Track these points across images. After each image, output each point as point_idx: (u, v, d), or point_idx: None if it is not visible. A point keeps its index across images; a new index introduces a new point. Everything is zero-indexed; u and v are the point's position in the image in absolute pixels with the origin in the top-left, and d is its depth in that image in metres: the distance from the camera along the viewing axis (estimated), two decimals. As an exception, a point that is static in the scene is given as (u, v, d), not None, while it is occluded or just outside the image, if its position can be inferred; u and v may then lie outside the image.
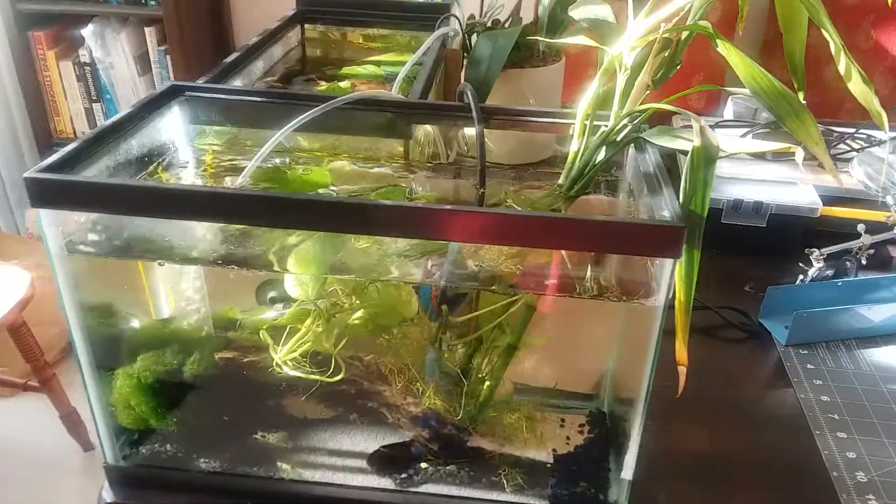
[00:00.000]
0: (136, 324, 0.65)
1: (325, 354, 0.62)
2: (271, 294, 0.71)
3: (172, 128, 0.70)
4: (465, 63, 1.12)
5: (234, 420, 0.65)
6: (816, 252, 0.95)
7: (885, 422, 0.75)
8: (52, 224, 0.54)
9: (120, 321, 0.65)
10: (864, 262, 0.96)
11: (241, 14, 2.42)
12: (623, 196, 0.69)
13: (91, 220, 0.56)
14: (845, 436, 0.73)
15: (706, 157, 0.52)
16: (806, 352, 0.86)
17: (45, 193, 0.51)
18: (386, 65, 1.04)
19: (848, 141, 1.11)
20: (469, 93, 0.69)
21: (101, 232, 0.56)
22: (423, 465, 0.65)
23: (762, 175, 1.09)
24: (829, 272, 0.96)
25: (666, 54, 0.65)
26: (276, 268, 0.56)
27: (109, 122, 0.61)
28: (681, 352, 0.57)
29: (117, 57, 2.14)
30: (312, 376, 0.60)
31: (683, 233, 0.48)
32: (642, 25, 0.62)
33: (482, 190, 0.66)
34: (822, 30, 0.60)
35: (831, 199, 1.03)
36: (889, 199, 0.93)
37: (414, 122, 0.71)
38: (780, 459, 0.71)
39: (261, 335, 0.64)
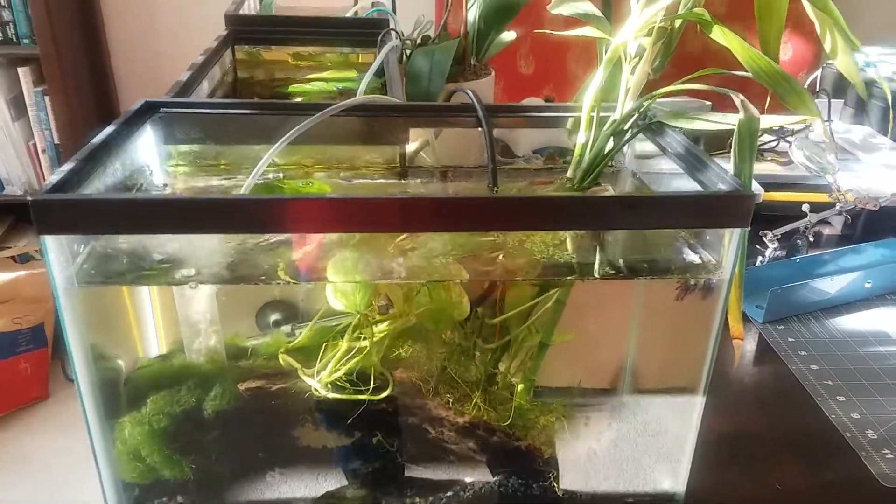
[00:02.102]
0: (142, 362, 0.58)
1: (360, 371, 0.57)
2: (274, 317, 0.66)
3: (150, 148, 0.64)
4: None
5: (263, 456, 0.59)
6: (770, 234, 0.99)
7: (873, 382, 0.79)
8: (61, 253, 0.47)
9: (125, 361, 0.57)
10: (811, 239, 1.02)
11: (120, 50, 2.29)
12: (628, 182, 0.69)
13: (103, 246, 0.50)
14: (844, 399, 0.76)
15: (750, 129, 0.53)
16: (782, 327, 0.90)
17: (58, 217, 0.45)
18: (335, 81, 1.01)
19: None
20: (471, 94, 0.68)
21: (117, 257, 0.50)
22: (469, 479, 0.61)
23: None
24: (781, 253, 1.02)
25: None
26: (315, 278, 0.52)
27: (97, 139, 0.54)
28: (736, 327, 0.57)
29: (-14, 101, 1.96)
30: (359, 397, 0.55)
31: (753, 201, 0.48)
32: (645, 14, 0.63)
33: (496, 189, 0.65)
34: (814, 7, 0.63)
35: (768, 186, 1.10)
36: (829, 178, 1.00)
37: (412, 126, 0.69)
38: (796, 429, 0.73)
39: (281, 360, 0.59)
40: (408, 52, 1.20)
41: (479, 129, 0.67)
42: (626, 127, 0.66)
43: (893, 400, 0.76)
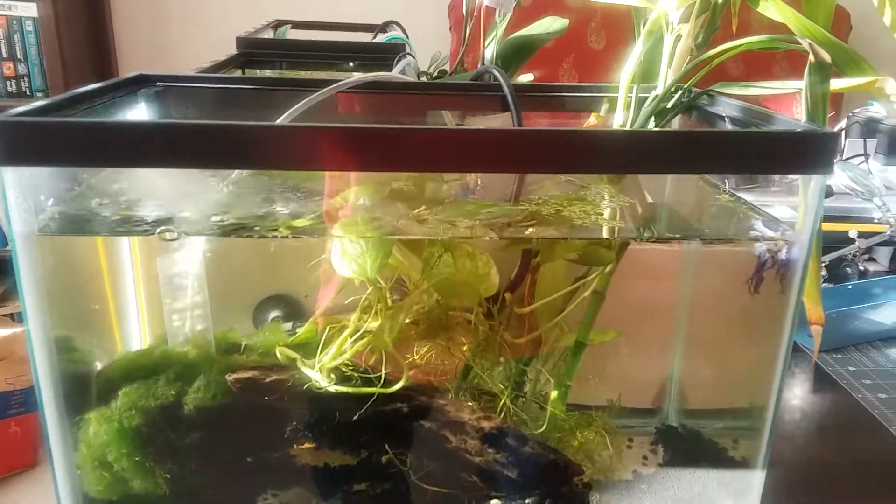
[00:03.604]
0: (115, 349, 0.50)
1: (370, 367, 0.49)
2: (274, 314, 0.58)
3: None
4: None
5: (252, 466, 0.50)
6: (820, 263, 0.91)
7: (951, 411, 0.70)
8: (20, 192, 0.40)
9: (95, 346, 0.49)
10: (861, 267, 0.94)
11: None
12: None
13: (74, 187, 0.43)
14: (922, 428, 0.67)
15: (821, 72, 0.46)
16: (839, 356, 0.80)
17: (19, 143, 0.37)
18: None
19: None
20: (497, 72, 0.62)
21: (89, 199, 0.42)
22: (495, 501, 0.52)
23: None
24: (828, 285, 0.94)
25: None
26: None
27: (80, 90, 0.48)
28: (814, 310, 0.49)
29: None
30: (367, 389, 0.47)
31: (836, 142, 0.41)
32: (686, -19, 0.58)
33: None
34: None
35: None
36: (876, 201, 0.92)
37: (430, 107, 0.63)
38: (873, 459, 0.63)
39: (278, 354, 0.50)
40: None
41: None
42: (668, 105, 0.59)
43: (981, 427, 0.66)
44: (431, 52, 1.41)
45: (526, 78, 1.41)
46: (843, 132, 1.47)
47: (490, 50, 1.33)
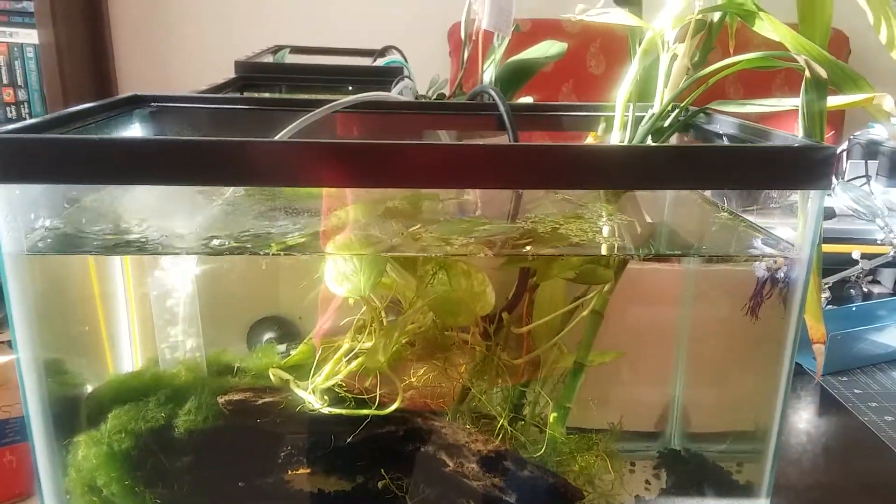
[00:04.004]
0: (105, 371, 0.49)
1: (365, 389, 0.48)
2: (268, 336, 0.57)
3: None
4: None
5: (244, 489, 0.49)
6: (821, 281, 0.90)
7: (959, 434, 0.68)
8: (14, 208, 0.39)
9: (85, 367, 0.48)
10: (864, 289, 0.93)
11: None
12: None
13: (65, 205, 0.42)
14: (930, 451, 0.65)
15: (818, 89, 0.46)
16: (846, 379, 0.79)
17: (16, 160, 0.37)
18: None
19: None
20: (493, 91, 0.62)
21: (78, 231, 0.42)
22: (493, 528, 0.50)
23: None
24: (832, 307, 0.93)
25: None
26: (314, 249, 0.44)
27: (72, 109, 0.48)
28: (816, 328, 0.48)
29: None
30: (361, 412, 0.46)
31: (833, 157, 0.40)
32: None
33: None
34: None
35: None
36: (879, 223, 0.92)
37: (426, 128, 0.63)
38: (880, 482, 0.62)
39: (272, 375, 0.49)
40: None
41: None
42: (665, 124, 0.59)
43: None
44: (431, 77, 1.42)
45: (525, 101, 1.41)
46: (845, 154, 1.47)
47: (488, 73, 1.33)
